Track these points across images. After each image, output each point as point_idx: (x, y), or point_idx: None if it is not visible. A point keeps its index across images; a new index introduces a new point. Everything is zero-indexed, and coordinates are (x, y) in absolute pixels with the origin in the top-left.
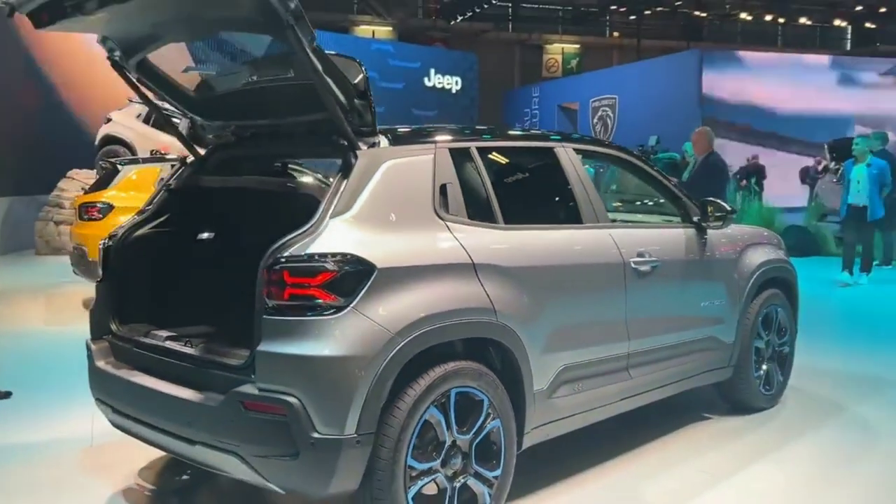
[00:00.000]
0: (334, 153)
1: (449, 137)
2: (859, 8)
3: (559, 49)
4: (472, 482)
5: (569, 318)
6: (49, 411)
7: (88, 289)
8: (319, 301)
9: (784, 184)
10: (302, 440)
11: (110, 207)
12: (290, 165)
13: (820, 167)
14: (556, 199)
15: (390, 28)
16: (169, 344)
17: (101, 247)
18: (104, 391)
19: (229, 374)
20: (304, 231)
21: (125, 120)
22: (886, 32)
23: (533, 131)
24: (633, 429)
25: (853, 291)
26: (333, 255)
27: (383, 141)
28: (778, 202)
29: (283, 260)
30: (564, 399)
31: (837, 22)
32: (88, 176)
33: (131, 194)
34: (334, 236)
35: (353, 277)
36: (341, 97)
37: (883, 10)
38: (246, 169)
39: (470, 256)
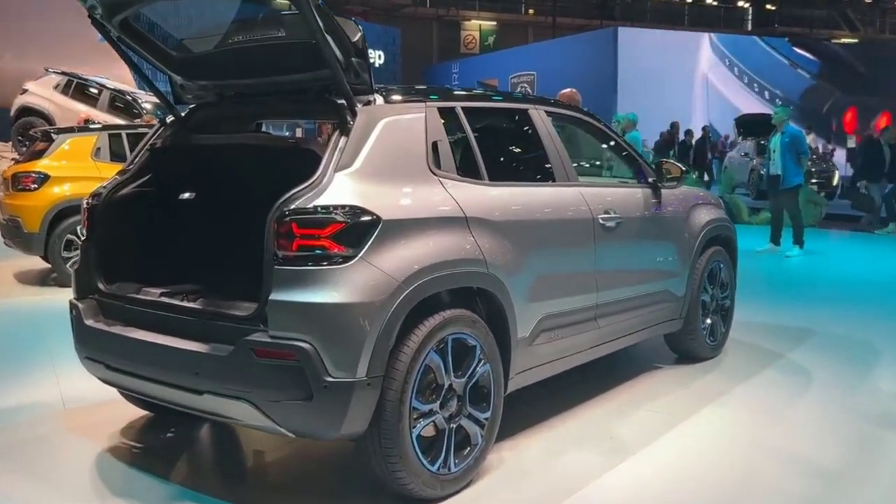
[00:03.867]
0: (328, 111)
1: (437, 97)
2: None
3: (476, 26)
4: (465, 423)
5: (547, 270)
6: (7, 380)
7: (18, 261)
8: (329, 251)
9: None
10: (315, 384)
11: (46, 177)
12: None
13: (728, 141)
14: (533, 158)
15: None
16: (165, 299)
17: (84, 206)
18: (96, 348)
19: (237, 324)
20: (310, 185)
21: (42, 90)
22: (784, 14)
23: (509, 93)
24: (596, 378)
25: (770, 258)
26: (342, 206)
27: (378, 99)
28: None
29: (291, 212)
30: (543, 346)
31: (741, 3)
32: (3, 148)
33: (65, 164)
34: (340, 189)
35: (361, 228)
36: (340, 55)
37: None
38: (228, 128)
39: (462, 210)
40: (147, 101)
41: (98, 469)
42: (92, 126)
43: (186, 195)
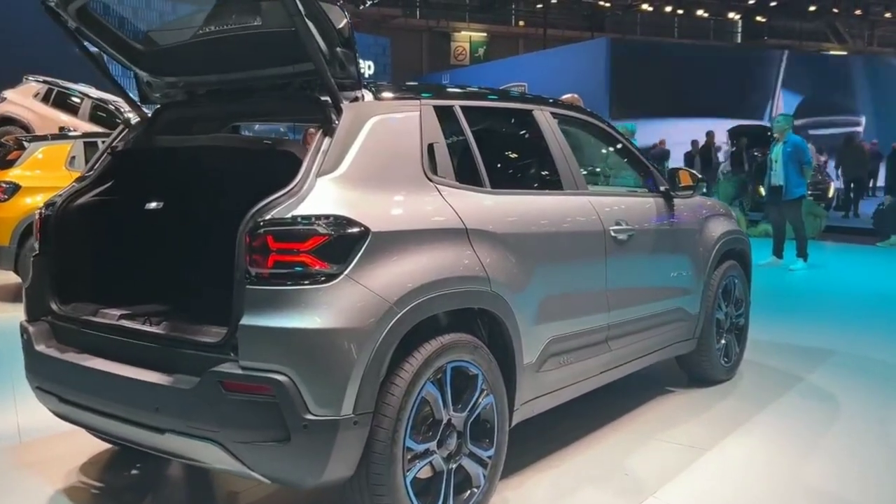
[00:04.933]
0: (309, 108)
1: (433, 94)
2: (751, 2)
3: (467, 37)
4: (466, 462)
5: (556, 287)
6: None
7: None
8: (310, 268)
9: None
10: (293, 422)
11: (16, 188)
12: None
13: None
14: (538, 163)
15: None
16: (125, 323)
17: (37, 217)
18: (47, 378)
19: (203, 352)
20: (288, 192)
21: (21, 99)
22: (773, 27)
23: (511, 93)
24: (603, 404)
25: (773, 271)
26: (325, 216)
27: (367, 95)
28: None
29: (266, 223)
30: (551, 373)
31: (731, 15)
32: None
33: (38, 173)
34: (323, 197)
35: (347, 242)
36: (323, 45)
37: (773, 3)
38: (200, 129)
39: (462, 221)
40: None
41: None
42: (68, 134)
43: (152, 205)
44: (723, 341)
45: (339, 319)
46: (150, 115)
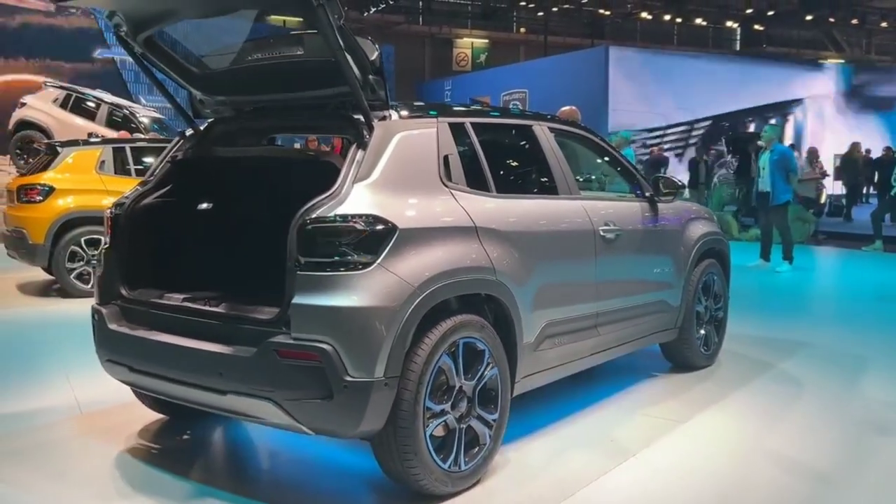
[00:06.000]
0: (343, 125)
1: (448, 113)
2: (749, 11)
3: (468, 43)
4: (475, 423)
5: (551, 278)
6: (21, 386)
7: (22, 273)
8: (349, 258)
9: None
10: (336, 383)
11: (51, 190)
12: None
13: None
14: (537, 171)
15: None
16: (188, 304)
17: (107, 216)
18: (118, 352)
19: (259, 327)
20: (330, 195)
21: (41, 104)
22: (772, 35)
23: (513, 111)
24: (595, 386)
25: (760, 273)
26: (361, 215)
27: (394, 114)
28: None
29: (312, 221)
30: (547, 352)
31: (729, 23)
32: (2, 161)
33: (69, 176)
34: (359, 200)
35: (378, 236)
36: (358, 73)
37: (770, 13)
38: (245, 141)
39: (472, 220)
40: (145, 115)
41: (117, 467)
42: (93, 140)
43: (205, 205)
44: (702, 331)
45: (372, 300)
46: (202, 128)
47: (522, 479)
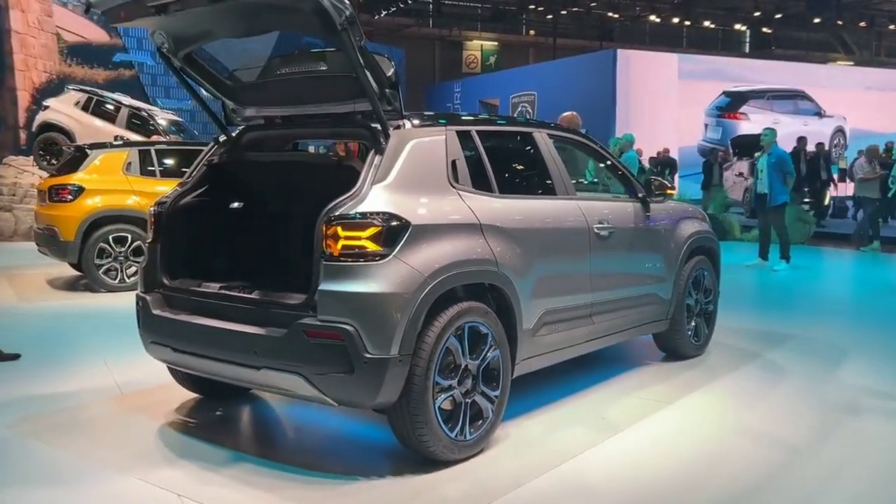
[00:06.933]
0: (362, 133)
1: (455, 122)
2: (757, 14)
3: (478, 46)
4: (479, 399)
5: (549, 270)
6: (63, 370)
7: (49, 269)
8: (368, 250)
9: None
10: (356, 359)
11: (81, 189)
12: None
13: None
14: (536, 174)
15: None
16: (225, 291)
17: (150, 213)
18: (162, 334)
19: (290, 311)
20: (351, 195)
21: (63, 107)
22: (781, 37)
23: (517, 119)
24: (589, 372)
25: (758, 271)
26: (379, 213)
27: (407, 124)
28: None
29: (336, 218)
30: (545, 338)
31: (737, 26)
32: (25, 162)
33: (96, 177)
34: (377, 199)
35: (394, 231)
36: (376, 87)
37: (778, 15)
38: (273, 146)
39: (477, 218)
40: (163, 118)
41: (160, 438)
42: (118, 143)
43: (237, 204)
44: (693, 323)
45: (389, 287)
46: (234, 134)
47: (521, 449)
